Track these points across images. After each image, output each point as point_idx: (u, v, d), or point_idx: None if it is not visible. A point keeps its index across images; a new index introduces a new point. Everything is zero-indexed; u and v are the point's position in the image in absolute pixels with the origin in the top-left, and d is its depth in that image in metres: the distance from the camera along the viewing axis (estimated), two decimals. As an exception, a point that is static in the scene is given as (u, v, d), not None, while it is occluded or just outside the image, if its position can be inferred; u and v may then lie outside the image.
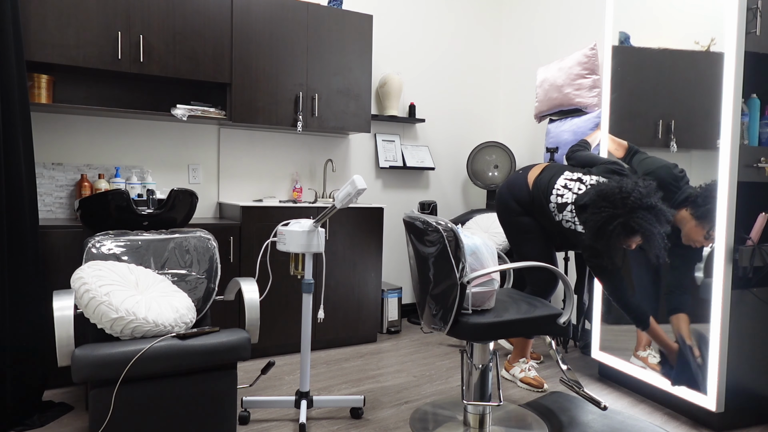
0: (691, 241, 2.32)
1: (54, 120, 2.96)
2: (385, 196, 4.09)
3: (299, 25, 3.29)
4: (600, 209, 2.16)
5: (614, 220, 2.11)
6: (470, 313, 2.01)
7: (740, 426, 2.32)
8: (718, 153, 2.19)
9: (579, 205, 2.36)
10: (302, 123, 3.30)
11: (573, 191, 2.43)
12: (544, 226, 2.59)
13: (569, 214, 2.41)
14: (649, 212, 2.10)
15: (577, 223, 2.38)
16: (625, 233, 2.12)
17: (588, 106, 3.38)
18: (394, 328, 3.70)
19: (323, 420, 2.34)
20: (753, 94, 2.27)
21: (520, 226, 2.62)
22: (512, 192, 2.64)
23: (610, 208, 2.13)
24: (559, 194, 2.46)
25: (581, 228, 2.35)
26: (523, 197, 2.59)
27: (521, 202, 2.60)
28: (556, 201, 2.46)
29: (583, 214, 2.29)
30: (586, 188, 2.40)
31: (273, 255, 3.04)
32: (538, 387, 2.72)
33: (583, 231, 2.32)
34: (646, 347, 2.58)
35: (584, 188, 2.41)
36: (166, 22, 2.90)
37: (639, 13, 2.65)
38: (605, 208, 2.15)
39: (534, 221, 2.60)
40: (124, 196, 2.28)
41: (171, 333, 1.95)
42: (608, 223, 2.12)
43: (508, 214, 2.65)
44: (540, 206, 2.53)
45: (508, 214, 2.66)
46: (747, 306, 2.26)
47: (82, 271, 1.94)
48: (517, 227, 2.64)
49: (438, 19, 4.22)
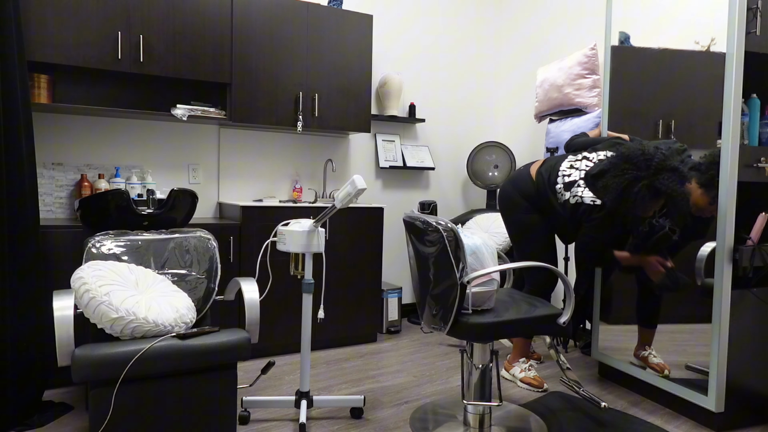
0: (699, 210, 2.30)
1: (54, 120, 2.96)
2: (385, 196, 4.09)
3: (299, 25, 3.29)
4: (623, 172, 2.13)
5: (638, 182, 2.09)
6: (470, 313, 2.01)
7: (740, 426, 2.32)
8: (718, 153, 2.19)
9: (593, 174, 2.32)
10: (302, 123, 3.30)
11: (580, 169, 2.44)
12: (549, 220, 2.59)
13: (578, 189, 2.40)
14: (674, 173, 2.08)
15: (585, 195, 2.36)
16: (650, 195, 2.10)
17: (588, 106, 3.38)
18: (394, 328, 3.70)
19: (323, 420, 2.34)
20: (753, 94, 2.26)
21: (524, 224, 2.63)
22: (517, 186, 2.65)
23: (633, 170, 2.11)
24: (565, 175, 2.47)
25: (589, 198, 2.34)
26: (528, 189, 2.60)
27: (526, 195, 2.60)
28: (563, 182, 2.46)
29: (600, 180, 2.24)
30: (595, 163, 2.39)
31: (273, 255, 3.04)
32: (538, 387, 2.72)
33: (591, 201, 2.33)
34: (646, 347, 2.59)
35: (592, 164, 2.41)
36: (166, 22, 2.90)
37: (639, 13, 2.65)
38: (628, 170, 2.12)
39: (539, 219, 2.60)
40: (124, 196, 2.28)
41: (171, 333, 1.95)
42: (632, 185, 2.10)
43: (513, 211, 2.65)
44: (545, 196, 2.53)
45: (512, 211, 2.66)
46: (747, 306, 2.26)
47: (82, 270, 1.94)
48: (520, 225, 2.64)
49: (438, 19, 4.22)
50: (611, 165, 2.20)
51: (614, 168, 2.18)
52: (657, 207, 2.19)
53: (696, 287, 2.33)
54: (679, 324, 2.45)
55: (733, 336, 2.22)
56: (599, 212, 2.31)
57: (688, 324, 2.39)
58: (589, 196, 2.35)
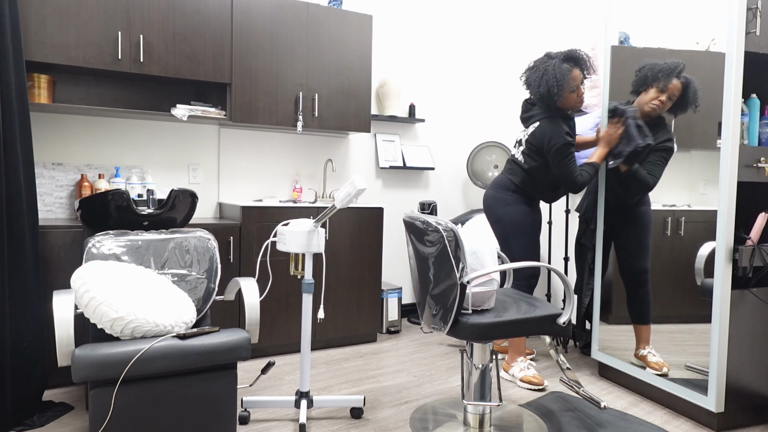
0: (646, 105, 2.56)
1: (54, 120, 2.96)
2: (385, 196, 4.09)
3: (299, 25, 3.29)
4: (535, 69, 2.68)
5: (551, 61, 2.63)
6: (470, 313, 2.01)
7: (740, 426, 2.32)
8: (719, 153, 2.19)
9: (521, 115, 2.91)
10: (302, 123, 3.30)
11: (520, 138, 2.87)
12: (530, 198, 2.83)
13: (522, 134, 2.84)
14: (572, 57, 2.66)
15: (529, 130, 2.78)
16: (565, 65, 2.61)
17: (588, 106, 3.38)
18: (394, 328, 3.70)
19: (323, 420, 2.34)
20: (753, 94, 2.27)
21: (509, 218, 2.77)
22: (497, 185, 2.88)
23: (542, 63, 2.66)
24: (514, 146, 2.92)
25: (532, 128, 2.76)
26: (506, 183, 2.85)
27: (507, 187, 2.82)
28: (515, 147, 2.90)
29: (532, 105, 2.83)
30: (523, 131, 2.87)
31: (273, 255, 3.04)
32: (538, 385, 2.72)
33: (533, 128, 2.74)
34: (645, 346, 2.59)
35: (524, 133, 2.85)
36: (166, 22, 2.90)
37: (639, 13, 2.65)
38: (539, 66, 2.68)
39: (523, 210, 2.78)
40: (124, 196, 2.28)
41: (171, 333, 1.95)
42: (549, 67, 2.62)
43: (499, 206, 2.81)
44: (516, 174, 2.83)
45: (498, 206, 2.81)
46: (747, 306, 2.26)
47: (82, 270, 1.94)
48: (506, 220, 2.78)
49: (438, 19, 4.22)
50: (527, 81, 2.72)
51: (531, 77, 2.70)
52: (579, 83, 2.67)
53: (696, 287, 2.33)
54: (679, 324, 2.45)
55: (732, 336, 2.22)
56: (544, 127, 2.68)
57: (688, 324, 2.39)
58: (531, 127, 2.76)
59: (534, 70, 2.69)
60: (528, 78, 2.72)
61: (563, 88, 2.61)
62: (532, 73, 2.69)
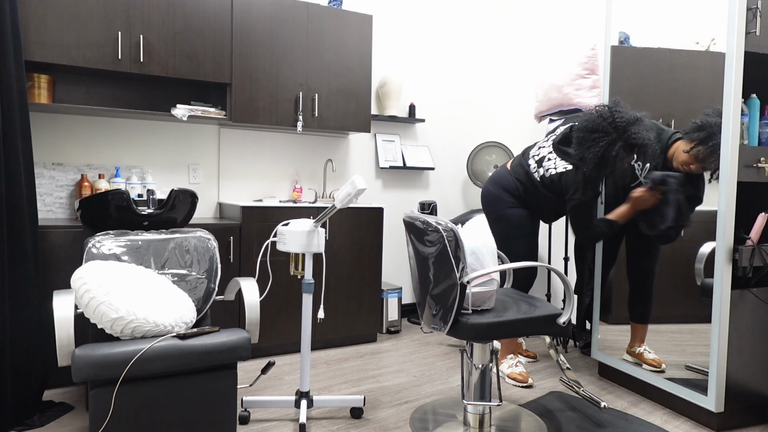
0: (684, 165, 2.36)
1: (54, 120, 2.96)
2: (385, 196, 4.09)
3: (299, 25, 3.29)
4: (594, 141, 2.30)
5: (614, 145, 2.28)
6: (470, 313, 2.01)
7: (740, 426, 2.32)
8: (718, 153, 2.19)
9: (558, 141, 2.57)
10: (302, 123, 3.30)
11: (545, 147, 2.67)
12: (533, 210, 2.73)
13: (550, 162, 2.59)
14: (637, 125, 2.29)
15: (558, 165, 2.55)
16: (625, 153, 2.30)
17: (588, 106, 3.38)
18: (394, 328, 3.70)
19: (323, 420, 2.34)
20: (753, 94, 2.26)
21: (509, 220, 2.74)
22: (499, 184, 2.80)
23: (604, 136, 2.29)
24: (534, 156, 2.71)
25: (562, 167, 2.52)
26: (508, 183, 2.76)
27: (508, 188, 2.76)
28: (535, 161, 2.68)
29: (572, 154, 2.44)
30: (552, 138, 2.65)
31: (273, 255, 3.04)
32: (522, 382, 2.75)
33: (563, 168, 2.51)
34: (640, 344, 2.60)
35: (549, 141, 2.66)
36: (166, 22, 2.90)
37: (639, 13, 2.65)
38: (599, 138, 2.29)
39: (524, 213, 2.73)
40: (124, 196, 2.28)
41: (171, 333, 1.95)
42: (609, 150, 2.28)
43: (498, 207, 2.77)
44: (525, 183, 2.71)
45: (497, 207, 2.77)
46: (747, 306, 2.26)
47: (82, 270, 1.94)
48: (506, 221, 2.74)
49: (438, 19, 4.22)
50: (579, 139, 2.37)
51: (584, 140, 2.34)
52: (631, 160, 2.41)
53: (696, 287, 2.33)
54: (679, 324, 2.45)
55: (732, 336, 2.22)
56: (574, 177, 2.46)
57: (688, 324, 2.39)
58: (562, 164, 2.53)
59: (593, 141, 2.30)
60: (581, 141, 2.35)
61: (613, 171, 2.36)
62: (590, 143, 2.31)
